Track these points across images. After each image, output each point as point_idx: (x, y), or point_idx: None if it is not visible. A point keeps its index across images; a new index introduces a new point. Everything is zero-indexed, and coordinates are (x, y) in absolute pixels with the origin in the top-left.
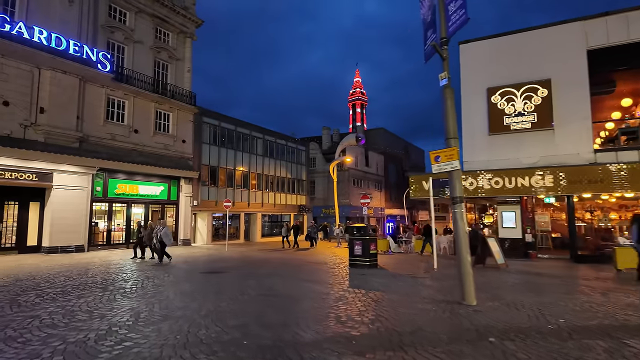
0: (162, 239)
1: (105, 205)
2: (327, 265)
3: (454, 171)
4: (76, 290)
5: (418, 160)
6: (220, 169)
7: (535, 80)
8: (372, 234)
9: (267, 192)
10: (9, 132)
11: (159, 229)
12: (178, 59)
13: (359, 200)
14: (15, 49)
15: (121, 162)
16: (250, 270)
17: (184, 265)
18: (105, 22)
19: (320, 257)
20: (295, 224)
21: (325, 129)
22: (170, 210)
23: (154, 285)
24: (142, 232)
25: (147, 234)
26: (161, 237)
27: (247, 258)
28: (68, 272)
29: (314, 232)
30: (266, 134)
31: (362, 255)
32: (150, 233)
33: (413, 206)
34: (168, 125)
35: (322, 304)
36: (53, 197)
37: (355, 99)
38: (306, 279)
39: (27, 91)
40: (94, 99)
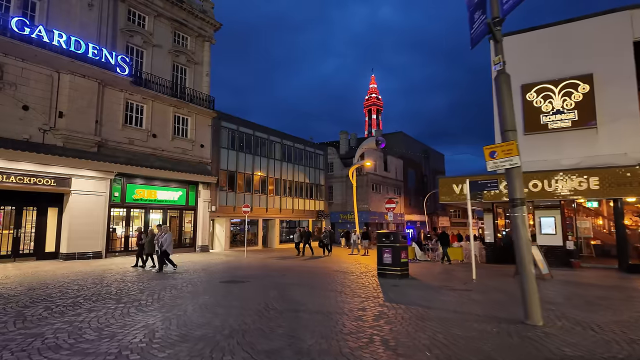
0: (163, 246)
1: (123, 210)
2: (353, 274)
3: (514, 169)
4: (88, 302)
5: (438, 165)
6: (239, 174)
7: (576, 76)
8: (402, 240)
9: (285, 197)
10: (28, 136)
11: (160, 235)
12: (196, 62)
13: (378, 205)
14: (35, 53)
15: (139, 167)
16: (272, 280)
17: (202, 274)
18: (125, 26)
19: (343, 265)
20: (306, 229)
21: (342, 133)
22: (188, 216)
23: (172, 297)
24: (142, 239)
25: (149, 241)
26: (162, 244)
27: (268, 266)
28: (83, 281)
29: (326, 239)
30: (284, 139)
31: (393, 264)
32: (152, 240)
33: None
34: (186, 130)
35: (360, 323)
36: (71, 203)
37: (371, 105)
38: (334, 290)
39: (46, 95)
40: (113, 103)
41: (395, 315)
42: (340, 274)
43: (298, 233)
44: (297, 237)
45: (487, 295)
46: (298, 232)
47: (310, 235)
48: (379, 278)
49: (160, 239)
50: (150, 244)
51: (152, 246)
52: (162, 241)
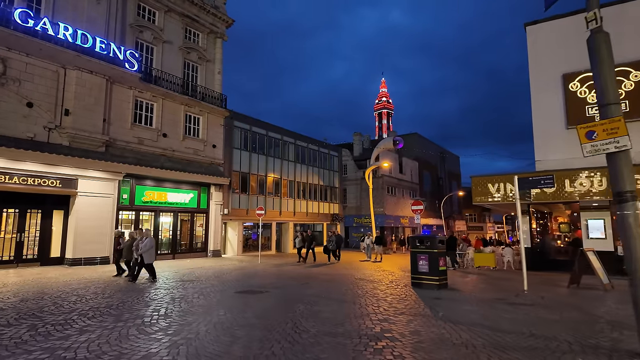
0: (142, 252)
1: (132, 213)
2: (381, 283)
3: (620, 152)
4: (82, 318)
5: (453, 167)
6: (251, 176)
7: (627, 62)
8: (440, 246)
9: (299, 200)
10: (32, 135)
11: (140, 240)
12: (208, 60)
13: (394, 209)
14: (40, 46)
15: (149, 168)
16: (294, 290)
17: (215, 282)
18: (134, 21)
19: (364, 272)
20: (309, 233)
21: (356, 135)
22: (199, 219)
23: (181, 313)
24: (121, 243)
25: (127, 246)
26: (141, 252)
27: (285, 273)
28: (84, 290)
29: (332, 244)
30: (298, 139)
31: (430, 273)
32: (131, 245)
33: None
34: (198, 130)
35: (425, 354)
36: (77, 205)
37: (381, 108)
38: (370, 304)
39: (51, 92)
40: (122, 101)
41: (461, 341)
42: (367, 283)
43: (300, 237)
44: (299, 241)
45: (557, 312)
46: (300, 236)
47: (313, 239)
48: (414, 288)
49: (139, 244)
50: (129, 249)
51: (130, 252)
52: (142, 247)
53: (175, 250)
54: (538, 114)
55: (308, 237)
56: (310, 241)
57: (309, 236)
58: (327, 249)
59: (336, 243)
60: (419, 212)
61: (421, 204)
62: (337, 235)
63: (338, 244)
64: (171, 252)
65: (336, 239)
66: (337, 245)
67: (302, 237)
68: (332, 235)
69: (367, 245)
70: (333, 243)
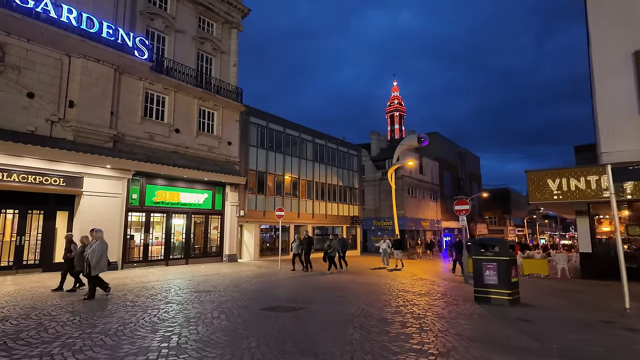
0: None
1: (142, 215)
2: (435, 297)
3: None
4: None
5: (474, 168)
6: (268, 175)
7: None
8: (511, 252)
9: (317, 201)
10: (33, 128)
11: (89, 246)
12: (223, 51)
13: (415, 211)
14: (42, 30)
15: (161, 165)
16: (334, 307)
17: (235, 294)
18: (145, 8)
19: (403, 281)
20: (307, 236)
21: (374, 135)
22: (214, 221)
23: (199, 343)
24: (72, 251)
25: (79, 253)
26: (89, 259)
27: (312, 282)
28: (80, 305)
29: (333, 251)
30: (316, 137)
31: (499, 286)
32: (82, 252)
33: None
34: (212, 125)
35: None
36: (82, 206)
37: (393, 110)
38: (445, 332)
39: (55, 82)
40: (131, 93)
41: None
42: (416, 297)
43: (298, 241)
44: (296, 246)
45: None
46: (297, 240)
47: (312, 244)
48: (481, 305)
49: (87, 250)
50: (81, 257)
51: (82, 261)
52: (89, 254)
53: (189, 254)
54: (603, 98)
55: (306, 240)
56: (309, 246)
57: (308, 239)
58: (327, 255)
59: (341, 248)
60: (464, 212)
61: (467, 204)
62: (340, 240)
63: (343, 249)
64: (184, 256)
65: (340, 244)
66: (342, 251)
67: (299, 240)
68: (333, 238)
69: (383, 250)
70: (334, 249)
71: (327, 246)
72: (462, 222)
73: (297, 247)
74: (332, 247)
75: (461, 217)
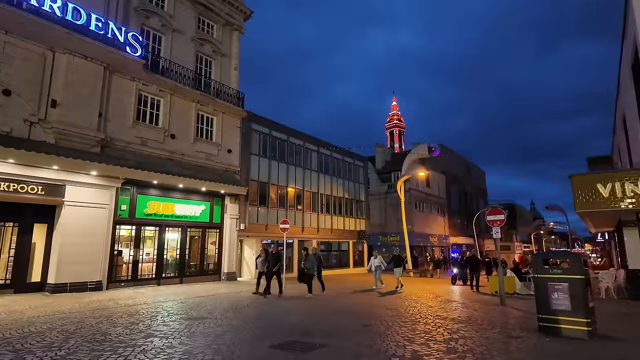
0: None
1: (132, 228)
2: (488, 327)
3: None
4: None
5: (480, 183)
6: (271, 186)
7: None
8: (585, 270)
9: (322, 214)
10: (8, 129)
11: None
12: (223, 54)
13: (423, 225)
14: (20, 19)
15: (154, 173)
16: (367, 345)
17: (235, 321)
18: (140, 5)
19: (432, 304)
20: (273, 251)
21: (379, 147)
22: (212, 236)
23: None
24: None
25: None
26: None
27: (326, 306)
28: (39, 338)
29: (311, 269)
30: (321, 147)
31: (573, 312)
32: None
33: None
34: (211, 131)
35: None
36: (64, 217)
37: (392, 126)
38: None
39: (36, 79)
40: (123, 95)
41: None
42: (459, 326)
43: (264, 256)
44: (261, 262)
45: None
46: (264, 255)
47: (279, 260)
48: (549, 336)
49: None
50: None
51: None
52: None
53: (183, 273)
54: None
55: (274, 256)
56: (276, 262)
57: (275, 255)
58: (304, 274)
59: (317, 266)
60: (498, 223)
61: (501, 213)
62: (317, 256)
63: (319, 266)
64: (178, 275)
65: (317, 260)
66: (318, 269)
67: (266, 255)
68: (310, 254)
69: (375, 267)
70: (313, 266)
71: (303, 265)
72: (496, 234)
73: (262, 264)
74: (309, 266)
75: (495, 229)
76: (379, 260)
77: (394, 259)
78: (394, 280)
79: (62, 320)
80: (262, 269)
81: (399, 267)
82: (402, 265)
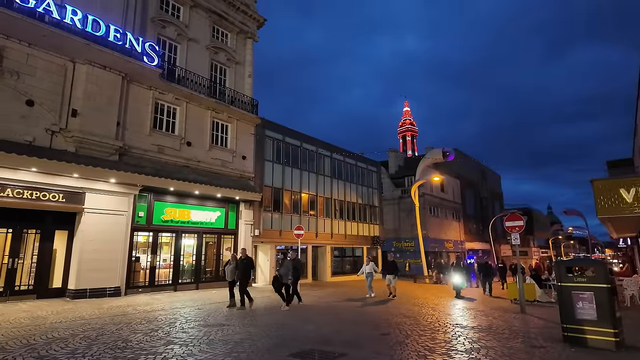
0: None
1: (149, 234)
2: (510, 337)
3: None
4: None
5: (495, 187)
6: (285, 192)
7: None
8: (611, 278)
9: (336, 220)
10: (31, 139)
11: None
12: (237, 62)
13: (438, 231)
14: (43, 32)
15: (171, 180)
16: (387, 355)
17: (253, 328)
18: (156, 15)
19: (451, 312)
20: (243, 256)
21: (392, 152)
22: (227, 242)
23: None
24: None
25: None
26: None
27: (341, 313)
28: (59, 345)
29: (286, 276)
30: (334, 152)
31: (599, 322)
32: None
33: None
34: (226, 138)
35: None
36: (83, 225)
37: (405, 130)
38: None
39: (57, 89)
40: (140, 103)
41: None
42: (480, 335)
43: (234, 263)
44: (230, 270)
45: None
46: (234, 262)
47: (251, 267)
48: (574, 346)
49: None
50: None
51: None
52: None
53: (199, 278)
54: None
55: (243, 263)
56: (247, 270)
57: (245, 260)
58: (279, 282)
59: (293, 274)
60: (517, 229)
61: (520, 219)
62: (294, 260)
63: (296, 274)
64: (194, 280)
65: (293, 266)
66: (295, 277)
67: (236, 262)
68: (288, 258)
69: (368, 274)
70: (288, 273)
71: (277, 270)
72: (515, 240)
73: (231, 273)
74: (283, 272)
75: (513, 235)
76: (370, 267)
77: (388, 265)
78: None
79: (84, 327)
80: (232, 278)
81: (392, 274)
82: (395, 272)
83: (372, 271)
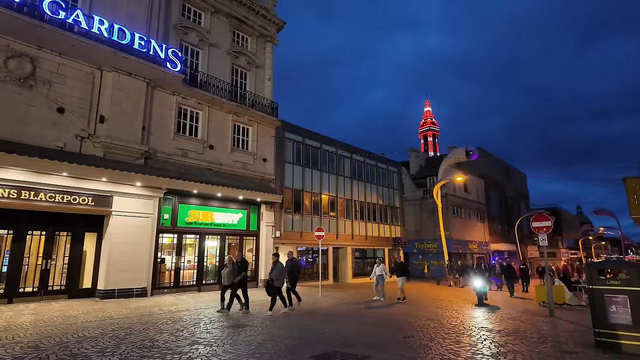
0: None
1: (173, 236)
2: (539, 342)
3: None
4: None
5: (521, 187)
6: (305, 193)
7: None
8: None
9: (356, 221)
10: (62, 144)
11: None
12: (257, 65)
13: (461, 232)
14: (73, 42)
15: (194, 183)
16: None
17: (275, 331)
18: (178, 22)
19: (475, 315)
20: (238, 258)
21: (412, 151)
22: (249, 243)
23: None
24: None
25: None
26: None
27: (364, 315)
28: (90, 343)
29: (278, 280)
30: (354, 153)
31: (634, 328)
32: None
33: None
34: (247, 141)
35: None
36: (111, 227)
37: (426, 130)
38: None
39: (85, 96)
40: (163, 108)
41: None
42: (507, 339)
43: (230, 267)
44: (226, 274)
45: None
46: (230, 266)
47: (244, 268)
48: (607, 352)
49: None
50: None
51: None
52: None
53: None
54: None
55: (239, 264)
56: (240, 270)
57: (241, 263)
58: (271, 287)
59: (290, 276)
60: (544, 230)
61: (548, 219)
62: (291, 260)
63: (293, 277)
64: (218, 281)
65: (291, 268)
66: (292, 280)
67: (232, 265)
68: (281, 260)
69: (378, 276)
70: (281, 277)
71: (271, 273)
72: (542, 241)
73: (228, 276)
74: (275, 276)
75: (541, 236)
76: (381, 269)
77: (398, 267)
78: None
79: (113, 326)
80: (229, 282)
81: (402, 277)
82: (406, 274)
83: (382, 273)
